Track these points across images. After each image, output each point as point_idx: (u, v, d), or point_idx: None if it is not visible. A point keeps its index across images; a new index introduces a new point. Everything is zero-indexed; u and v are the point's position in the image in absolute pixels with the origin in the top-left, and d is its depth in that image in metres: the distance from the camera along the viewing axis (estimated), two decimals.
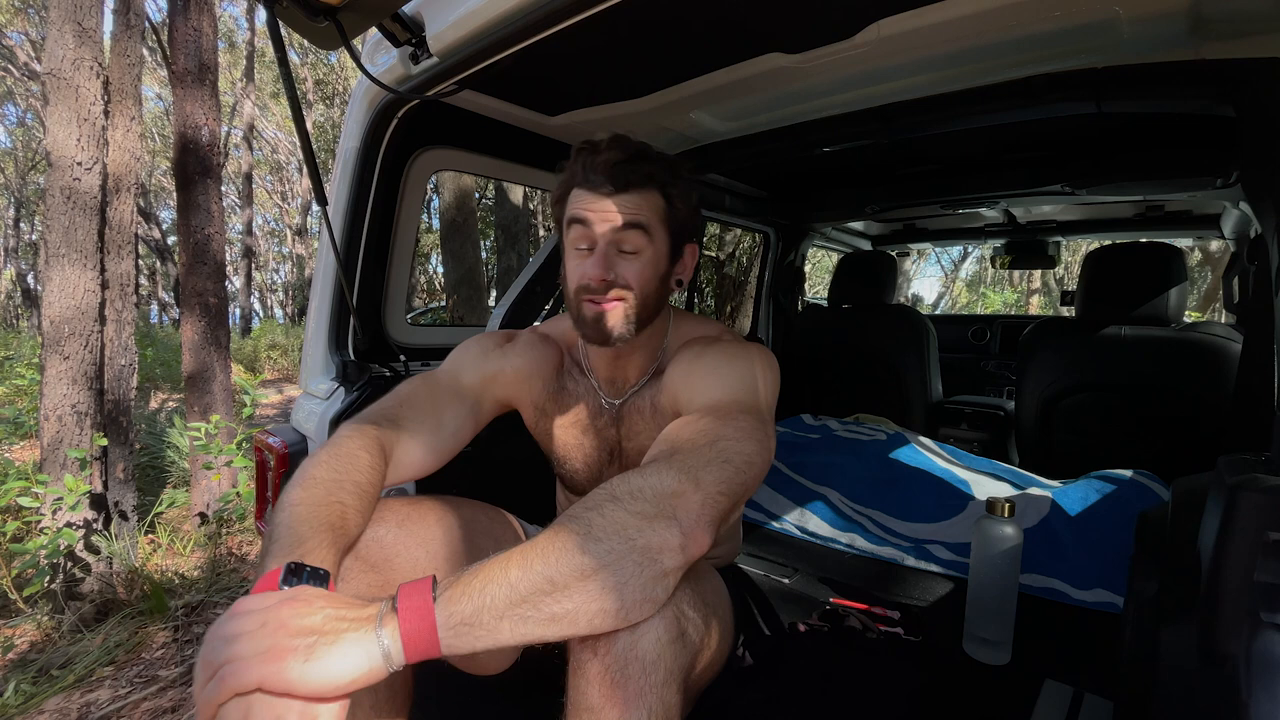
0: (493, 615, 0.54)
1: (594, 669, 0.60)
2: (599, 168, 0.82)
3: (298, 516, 0.66)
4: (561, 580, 0.55)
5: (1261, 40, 0.83)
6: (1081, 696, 0.99)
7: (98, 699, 2.00)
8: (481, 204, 9.19)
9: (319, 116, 14.23)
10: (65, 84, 2.50)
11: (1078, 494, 1.51)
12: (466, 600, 0.54)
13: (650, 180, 0.84)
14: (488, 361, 0.97)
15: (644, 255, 0.84)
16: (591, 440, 0.99)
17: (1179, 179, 1.59)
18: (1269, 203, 0.82)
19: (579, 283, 0.84)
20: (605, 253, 0.82)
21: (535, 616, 0.54)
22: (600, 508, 0.60)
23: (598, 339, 0.86)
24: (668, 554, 0.59)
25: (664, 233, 0.86)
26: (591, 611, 0.56)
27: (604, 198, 0.82)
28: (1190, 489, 0.76)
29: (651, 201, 0.84)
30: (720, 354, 0.86)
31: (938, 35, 0.94)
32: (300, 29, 0.88)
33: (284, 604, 0.53)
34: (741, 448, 0.69)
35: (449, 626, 0.53)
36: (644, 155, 0.84)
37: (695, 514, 0.61)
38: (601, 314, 0.84)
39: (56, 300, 2.55)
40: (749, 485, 0.69)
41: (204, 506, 3.24)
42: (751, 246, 5.37)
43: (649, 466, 0.65)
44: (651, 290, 0.86)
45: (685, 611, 0.66)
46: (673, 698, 0.62)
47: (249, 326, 14.18)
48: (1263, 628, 0.47)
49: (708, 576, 0.83)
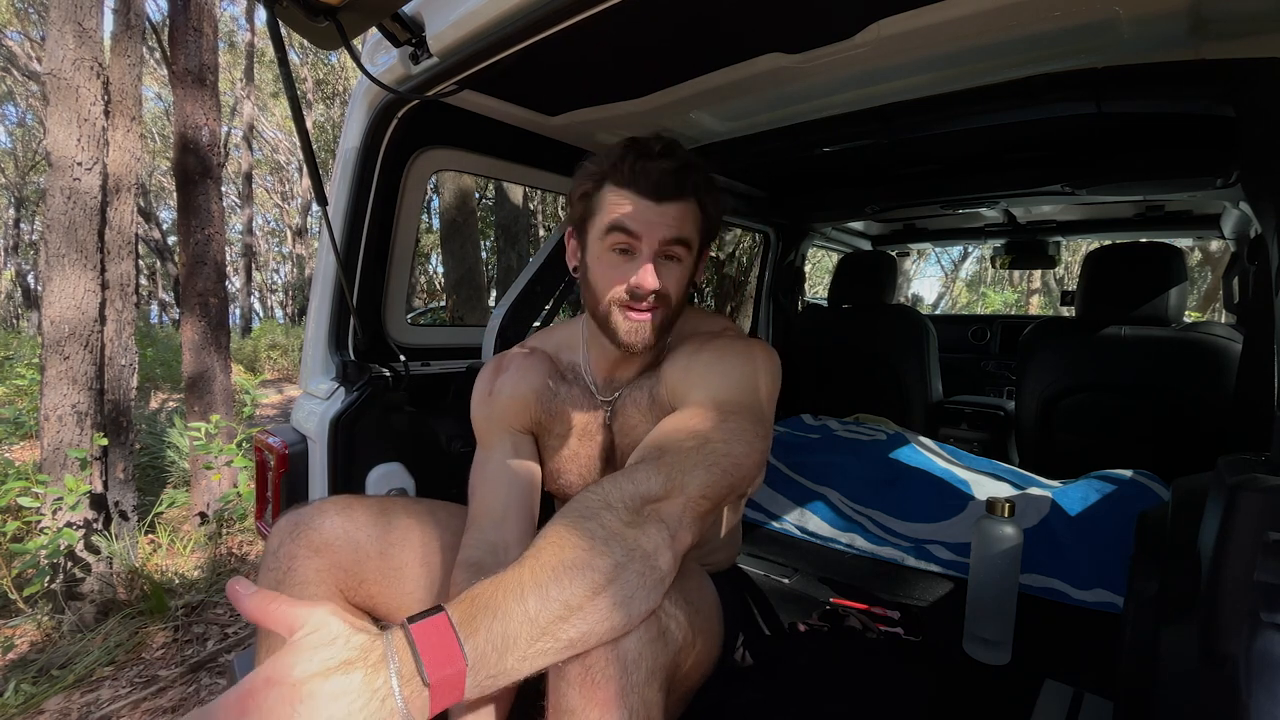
0: (516, 659, 0.51)
1: (574, 670, 0.59)
2: (651, 174, 0.79)
3: None
4: (576, 602, 0.54)
5: (1261, 40, 0.83)
6: (1081, 696, 0.99)
7: (98, 699, 2.00)
8: (481, 204, 9.19)
9: (319, 116, 14.23)
10: (65, 84, 2.50)
11: (1078, 494, 1.51)
12: (490, 651, 0.50)
13: (695, 191, 0.83)
14: (494, 408, 0.96)
15: (685, 264, 0.84)
16: (586, 449, 0.97)
17: (1179, 179, 1.59)
18: (1269, 203, 0.82)
19: (619, 289, 0.81)
20: (654, 261, 0.80)
21: (556, 646, 0.53)
22: (598, 515, 0.59)
23: (630, 347, 0.84)
24: (661, 555, 0.60)
25: (699, 242, 0.86)
26: (602, 631, 0.55)
27: (653, 204, 0.79)
28: (1190, 489, 0.76)
29: (695, 211, 0.83)
30: (720, 350, 0.85)
31: (938, 35, 0.94)
32: (300, 29, 0.87)
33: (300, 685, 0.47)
34: (730, 449, 0.69)
35: (476, 684, 0.50)
36: (692, 165, 0.82)
37: (678, 516, 0.62)
38: (642, 324, 0.82)
39: (56, 300, 2.55)
40: (736, 487, 0.69)
41: (204, 506, 3.24)
42: (751, 246, 5.37)
43: (636, 470, 0.65)
44: (683, 298, 0.87)
45: (666, 608, 0.65)
46: (654, 696, 0.61)
47: (249, 326, 14.19)
48: (1263, 628, 0.47)
49: (691, 574, 0.82)
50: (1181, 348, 1.62)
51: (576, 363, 0.98)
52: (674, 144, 0.83)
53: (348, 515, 0.83)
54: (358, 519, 0.82)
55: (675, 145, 0.83)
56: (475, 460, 0.97)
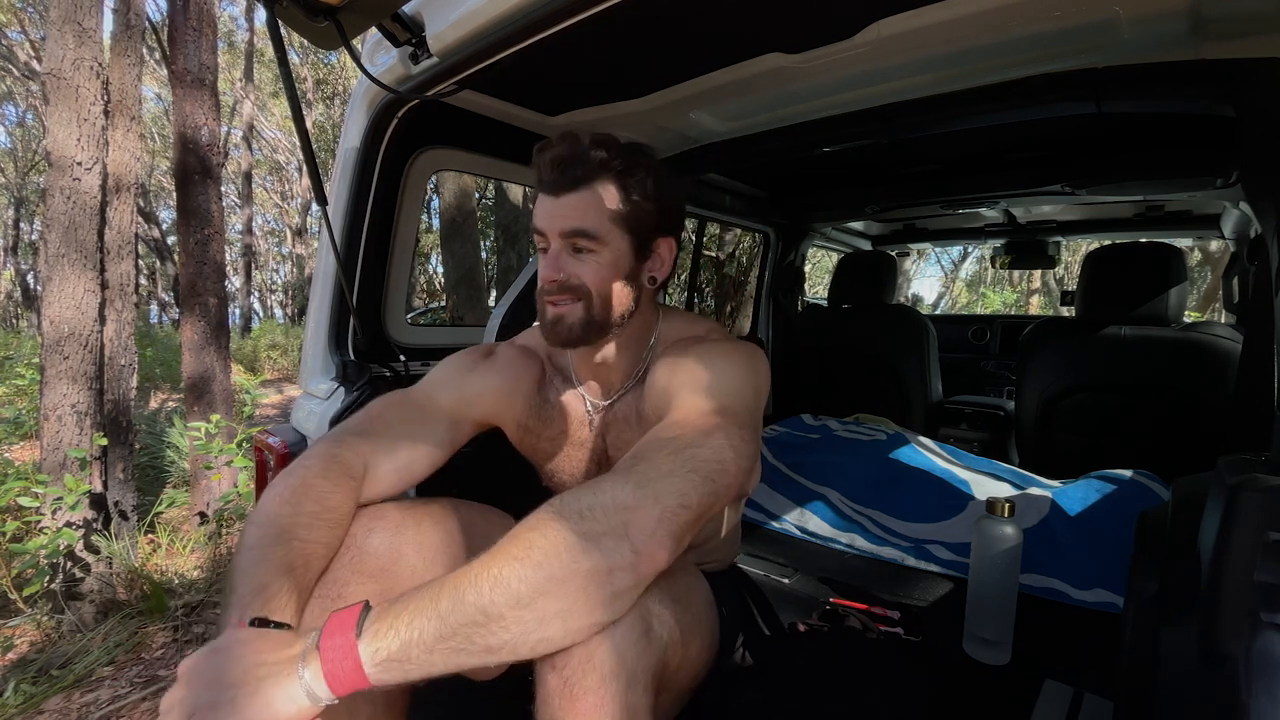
0: (421, 650, 0.52)
1: (552, 682, 0.58)
2: (545, 167, 0.80)
3: (252, 561, 0.66)
4: (496, 611, 0.52)
5: (1261, 40, 0.83)
6: (1081, 696, 0.99)
7: (98, 699, 2.00)
8: (481, 204, 9.19)
9: (319, 116, 14.23)
10: (65, 84, 2.50)
11: (1078, 494, 1.51)
12: (392, 635, 0.52)
13: (597, 176, 0.79)
14: (465, 381, 0.94)
15: (600, 255, 0.81)
16: (576, 452, 0.96)
17: (1179, 179, 1.59)
18: (1269, 203, 0.82)
19: (539, 284, 0.83)
20: (557, 254, 0.81)
21: (469, 649, 0.52)
22: (544, 527, 0.56)
23: (554, 340, 0.84)
24: (618, 573, 0.56)
25: (621, 230, 0.81)
26: (532, 641, 0.54)
27: (552, 198, 0.80)
28: (1190, 489, 0.76)
29: (605, 198, 0.80)
30: (703, 355, 0.81)
31: (938, 35, 0.94)
32: (300, 29, 0.87)
33: (207, 658, 0.55)
34: (712, 454, 0.65)
35: (375, 663, 0.52)
36: (588, 151, 0.79)
37: (650, 529, 0.57)
38: (559, 316, 0.82)
39: (56, 300, 2.55)
40: (721, 494, 0.64)
41: (204, 506, 3.24)
42: (751, 246, 5.37)
43: (605, 479, 0.61)
44: (612, 291, 0.82)
45: (651, 608, 0.64)
46: (639, 699, 0.60)
47: (249, 326, 14.19)
48: (1263, 628, 0.47)
49: (680, 572, 0.80)
50: (1181, 348, 1.62)
51: (565, 364, 0.98)
52: (571, 134, 0.80)
53: (397, 532, 0.79)
54: (379, 526, 0.78)
55: (572, 135, 0.80)
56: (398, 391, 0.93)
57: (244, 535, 0.70)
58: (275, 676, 0.53)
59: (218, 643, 0.56)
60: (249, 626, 0.60)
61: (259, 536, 0.69)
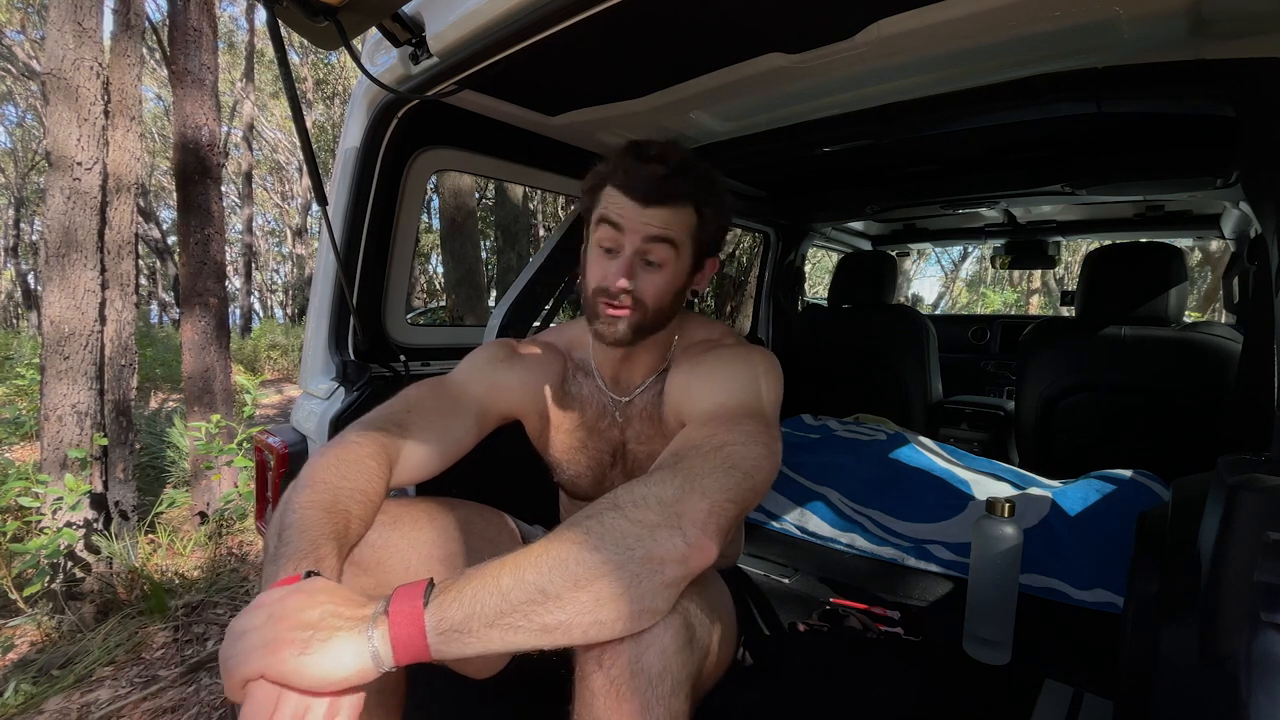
0: (482, 623, 0.53)
1: (598, 681, 0.59)
2: (641, 177, 0.81)
3: (308, 521, 0.66)
4: (554, 590, 0.54)
5: (1261, 40, 0.83)
6: (1081, 696, 0.99)
7: (98, 699, 2.00)
8: (481, 204, 9.19)
9: (319, 116, 14.23)
10: (65, 84, 2.51)
11: (1078, 494, 1.51)
12: (457, 606, 0.54)
13: (688, 197, 0.83)
14: (496, 373, 0.96)
15: (667, 269, 0.84)
16: (595, 442, 0.98)
17: (1179, 179, 1.59)
18: (1269, 203, 0.82)
19: (599, 283, 0.84)
20: (630, 261, 0.82)
21: (526, 626, 0.54)
22: (600, 515, 0.59)
23: (604, 338, 0.87)
24: (670, 564, 0.58)
25: (690, 248, 0.86)
26: (586, 623, 0.55)
27: (639, 207, 0.81)
28: (1190, 489, 0.76)
29: (684, 217, 0.84)
30: (720, 358, 0.86)
31: (938, 35, 0.94)
32: (300, 29, 0.87)
33: (290, 596, 0.54)
34: (748, 452, 0.68)
35: (438, 632, 0.53)
36: (686, 170, 0.83)
37: (701, 522, 0.59)
38: (615, 319, 0.84)
39: (56, 300, 2.55)
40: (757, 490, 0.67)
41: (204, 506, 3.24)
42: (751, 246, 5.37)
43: (654, 474, 0.64)
44: (665, 304, 0.86)
45: (695, 614, 0.65)
46: (680, 706, 0.60)
47: (249, 326, 14.19)
48: (1263, 628, 0.47)
49: (712, 580, 0.83)
50: (1182, 348, 1.62)
51: (586, 359, 1.00)
52: (670, 148, 0.84)
53: (393, 527, 0.79)
54: (378, 519, 0.78)
55: (671, 149, 0.84)
56: (431, 380, 0.95)
57: (295, 495, 0.69)
58: (349, 630, 0.53)
59: (303, 584, 0.56)
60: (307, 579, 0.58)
61: (313, 499, 0.69)
